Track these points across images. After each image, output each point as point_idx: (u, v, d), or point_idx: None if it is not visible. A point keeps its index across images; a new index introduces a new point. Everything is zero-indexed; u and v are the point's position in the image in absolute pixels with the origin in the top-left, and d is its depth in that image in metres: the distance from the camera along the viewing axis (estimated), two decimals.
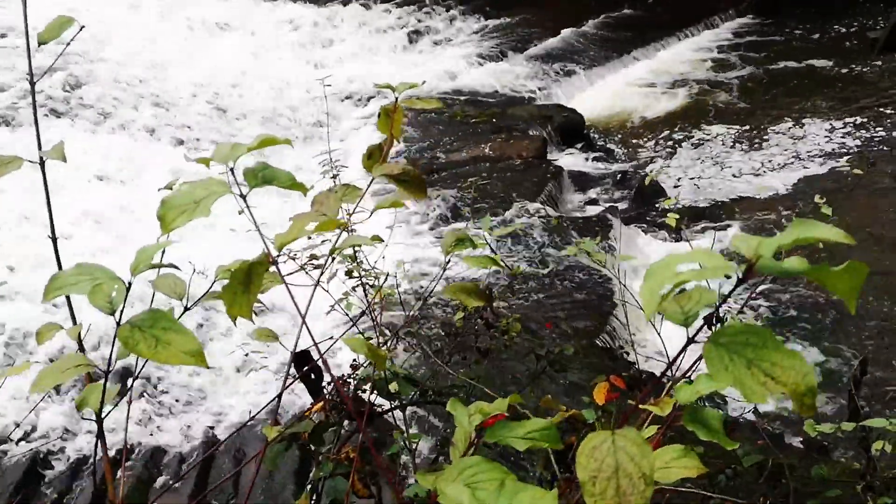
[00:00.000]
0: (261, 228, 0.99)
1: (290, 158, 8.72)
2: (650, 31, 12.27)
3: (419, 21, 12.60)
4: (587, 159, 9.40)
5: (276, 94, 10.05)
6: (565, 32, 12.34)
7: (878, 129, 9.18)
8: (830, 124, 9.47)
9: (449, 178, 8.15)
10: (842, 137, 9.12)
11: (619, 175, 8.90)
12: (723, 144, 9.47)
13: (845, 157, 8.57)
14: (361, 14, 12.40)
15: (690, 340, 0.70)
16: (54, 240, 1.11)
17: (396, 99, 1.67)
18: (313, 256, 2.07)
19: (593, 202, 8.57)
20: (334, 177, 2.88)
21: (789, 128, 9.57)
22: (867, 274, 0.65)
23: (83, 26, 1.08)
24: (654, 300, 0.62)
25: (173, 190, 1.70)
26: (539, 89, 10.85)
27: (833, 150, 8.85)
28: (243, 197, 0.91)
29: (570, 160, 9.31)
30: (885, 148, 8.72)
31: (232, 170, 0.90)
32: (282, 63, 10.82)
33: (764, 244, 0.64)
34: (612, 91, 11.02)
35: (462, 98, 10.47)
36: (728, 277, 0.66)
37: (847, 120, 9.50)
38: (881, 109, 9.67)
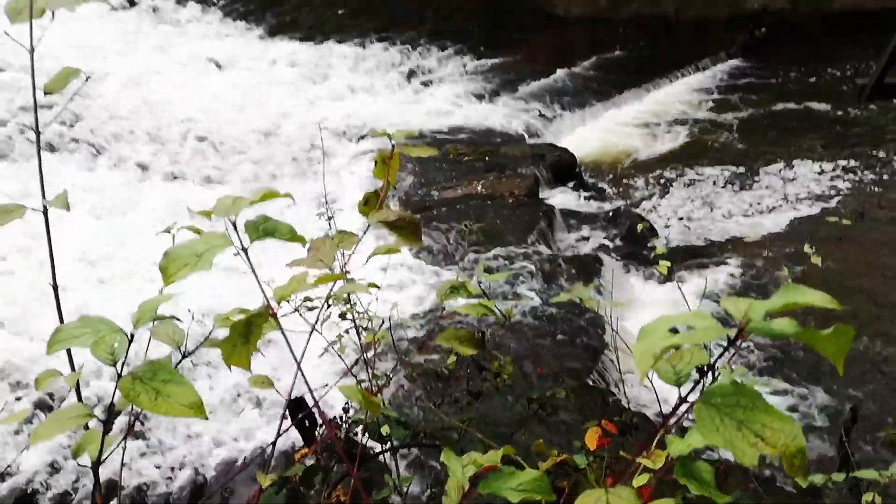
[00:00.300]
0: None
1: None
2: (641, 72, 12.46)
3: (413, 60, 12.76)
4: (579, 198, 9.47)
5: (271, 130, 10.12)
6: (558, 73, 12.52)
7: (867, 172, 9.31)
8: (821, 166, 9.59)
9: (441, 215, 8.20)
10: (832, 180, 9.23)
11: (611, 213, 8.97)
12: (714, 185, 9.57)
13: (836, 200, 8.67)
14: (356, 52, 12.55)
15: (682, 400, 0.72)
16: (55, 287, 1.12)
17: (393, 147, 1.69)
18: (307, 298, 2.08)
19: (585, 240, 8.61)
20: (330, 219, 2.91)
21: (780, 169, 9.68)
22: (853, 336, 0.67)
23: (88, 77, 1.10)
24: (647, 361, 0.64)
25: (175, 242, 1.72)
26: (531, 128, 10.98)
27: (823, 192, 8.96)
28: (244, 250, 0.93)
29: (562, 199, 9.38)
30: (877, 189, 8.84)
31: (234, 223, 0.92)
32: (277, 99, 10.91)
33: (753, 308, 0.66)
34: (603, 131, 11.16)
35: (455, 136, 10.58)
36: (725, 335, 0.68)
37: (837, 163, 9.63)
38: (872, 152, 9.81)
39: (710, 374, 0.69)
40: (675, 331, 0.66)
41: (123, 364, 0.84)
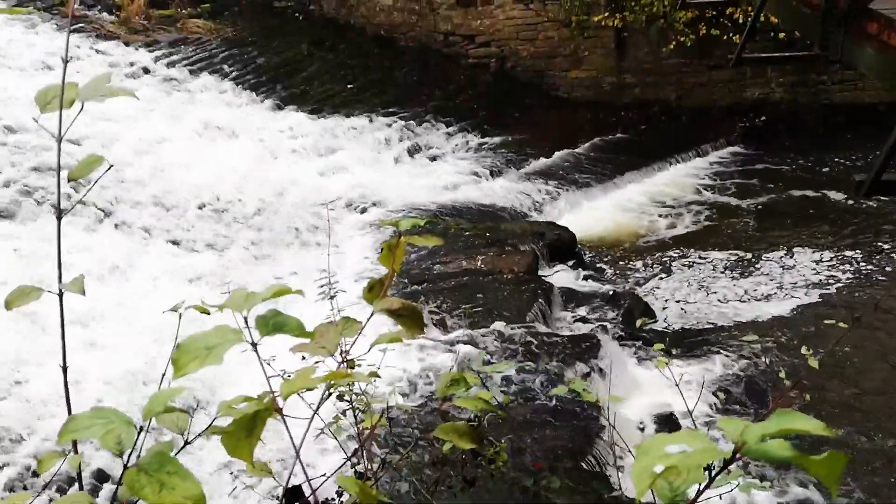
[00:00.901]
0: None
1: (287, 264, 8.82)
2: (642, 155, 12.67)
3: (419, 135, 13.01)
4: (578, 277, 9.52)
5: (274, 199, 10.25)
6: (559, 153, 12.74)
7: (864, 264, 9.37)
8: (820, 256, 9.66)
9: (440, 290, 8.23)
10: (830, 270, 9.29)
11: (610, 294, 9.00)
12: (712, 269, 9.64)
13: (834, 292, 8.70)
14: (363, 125, 12.80)
15: None
16: (65, 370, 1.15)
17: (399, 235, 1.73)
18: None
19: (583, 320, 8.62)
20: (332, 297, 2.94)
21: (779, 257, 9.75)
22: (847, 461, 0.69)
23: (111, 165, 1.15)
24: (645, 480, 0.66)
25: (181, 321, 1.74)
26: (532, 206, 11.12)
27: (821, 281, 9.00)
28: (254, 345, 0.95)
29: (561, 277, 9.43)
30: (879, 278, 8.89)
31: (245, 318, 0.95)
32: (282, 169, 11.08)
33: (749, 431, 0.68)
34: (603, 211, 11.30)
35: (457, 210, 10.70)
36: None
37: (837, 253, 9.69)
38: (871, 244, 9.89)
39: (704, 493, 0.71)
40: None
41: (129, 456, 0.86)
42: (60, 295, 1.12)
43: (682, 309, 8.78)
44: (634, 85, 14.03)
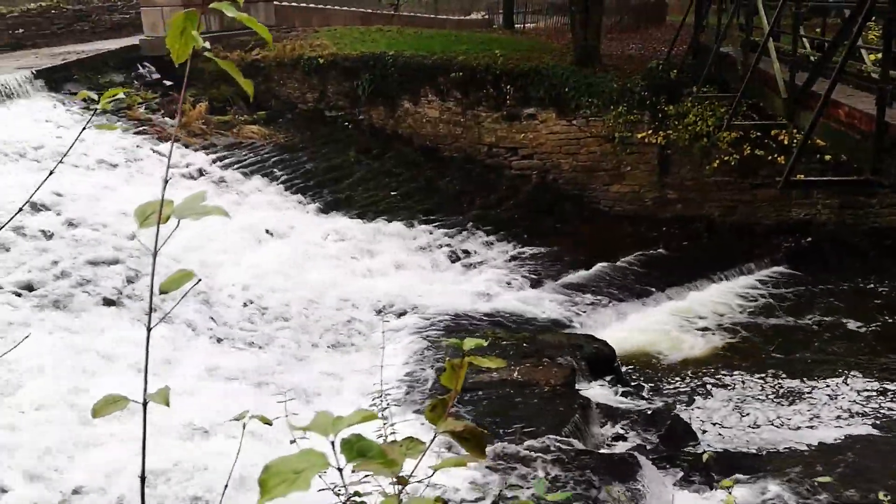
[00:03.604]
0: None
1: (324, 364, 8.83)
2: (683, 271, 12.58)
3: (459, 242, 13.18)
4: (616, 393, 9.34)
5: (315, 300, 10.37)
6: (599, 265, 12.74)
7: None
8: (868, 384, 9.35)
9: (477, 399, 8.14)
10: (869, 401, 8.96)
11: (649, 412, 8.79)
12: (753, 391, 9.39)
13: (886, 421, 8.37)
14: (404, 232, 13.03)
15: None
16: (143, 480, 1.17)
17: (464, 355, 1.75)
18: (357, 493, 2.08)
19: (620, 438, 8.40)
20: (383, 410, 2.94)
21: (826, 383, 9.43)
22: None
23: (199, 279, 1.20)
24: None
25: (244, 430, 1.76)
26: (570, 318, 11.04)
27: (871, 411, 8.69)
28: (340, 470, 0.97)
29: (599, 392, 9.26)
30: None
31: (332, 443, 0.97)
32: (324, 271, 11.26)
33: None
34: (643, 327, 11.16)
35: (494, 320, 10.69)
36: None
37: (878, 385, 9.37)
38: None
39: None
40: None
41: None
42: (144, 404, 1.15)
43: (721, 432, 8.52)
44: (677, 201, 14.14)
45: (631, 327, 11.15)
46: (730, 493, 2.63)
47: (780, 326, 11.20)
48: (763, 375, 9.74)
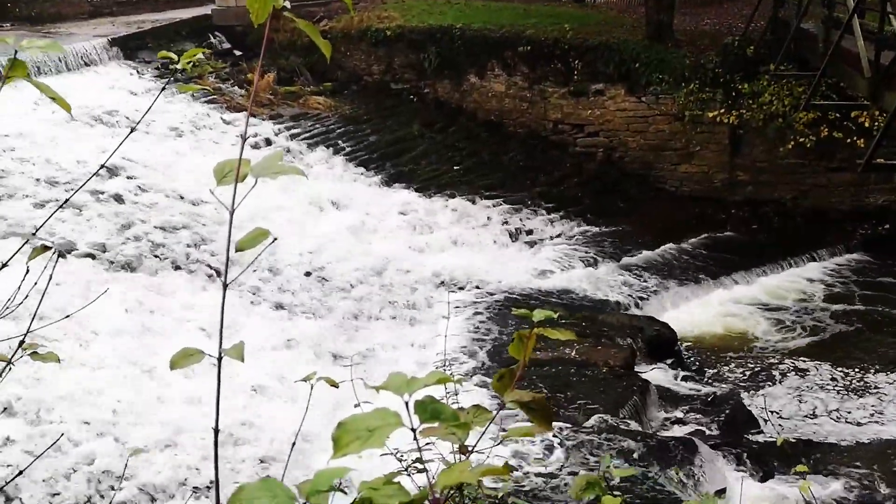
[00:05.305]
0: None
1: (382, 336, 8.92)
2: (752, 255, 12.22)
3: (520, 219, 13.09)
4: (676, 377, 9.20)
5: (375, 272, 10.46)
6: (664, 246, 12.48)
7: None
8: None
9: (531, 376, 8.11)
10: None
11: (710, 397, 8.64)
12: (822, 382, 9.12)
13: None
14: (465, 207, 12.99)
15: None
16: (216, 433, 1.18)
17: (533, 325, 1.73)
18: (418, 460, 2.07)
19: (679, 422, 8.28)
20: (455, 391, 2.93)
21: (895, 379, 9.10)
22: None
23: (275, 238, 1.20)
24: None
25: (311, 390, 1.77)
26: (631, 299, 10.88)
27: None
28: (413, 430, 0.96)
29: (659, 375, 9.13)
30: None
31: (407, 403, 0.96)
32: (385, 243, 11.33)
33: None
34: (707, 311, 10.92)
35: (553, 298, 10.61)
36: None
37: None
38: None
39: None
40: None
41: None
42: (219, 359, 1.16)
43: (782, 423, 8.30)
44: (747, 183, 13.72)
45: (694, 310, 10.93)
46: (804, 478, 2.56)
47: (851, 316, 10.82)
48: (829, 366, 9.44)
